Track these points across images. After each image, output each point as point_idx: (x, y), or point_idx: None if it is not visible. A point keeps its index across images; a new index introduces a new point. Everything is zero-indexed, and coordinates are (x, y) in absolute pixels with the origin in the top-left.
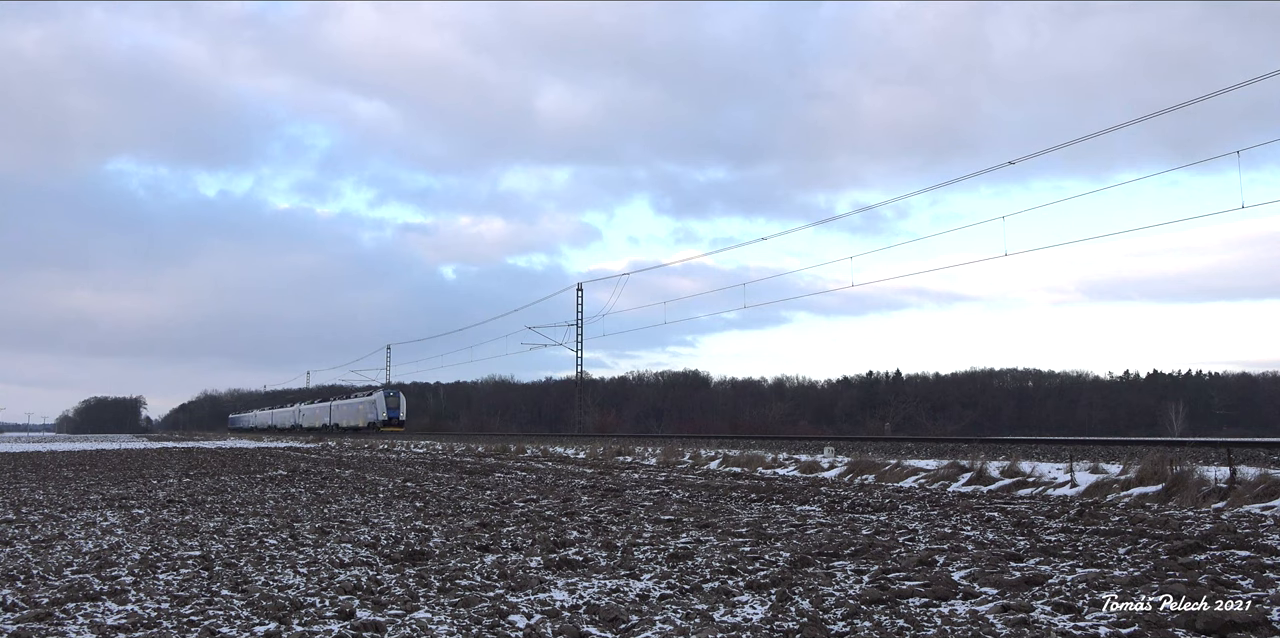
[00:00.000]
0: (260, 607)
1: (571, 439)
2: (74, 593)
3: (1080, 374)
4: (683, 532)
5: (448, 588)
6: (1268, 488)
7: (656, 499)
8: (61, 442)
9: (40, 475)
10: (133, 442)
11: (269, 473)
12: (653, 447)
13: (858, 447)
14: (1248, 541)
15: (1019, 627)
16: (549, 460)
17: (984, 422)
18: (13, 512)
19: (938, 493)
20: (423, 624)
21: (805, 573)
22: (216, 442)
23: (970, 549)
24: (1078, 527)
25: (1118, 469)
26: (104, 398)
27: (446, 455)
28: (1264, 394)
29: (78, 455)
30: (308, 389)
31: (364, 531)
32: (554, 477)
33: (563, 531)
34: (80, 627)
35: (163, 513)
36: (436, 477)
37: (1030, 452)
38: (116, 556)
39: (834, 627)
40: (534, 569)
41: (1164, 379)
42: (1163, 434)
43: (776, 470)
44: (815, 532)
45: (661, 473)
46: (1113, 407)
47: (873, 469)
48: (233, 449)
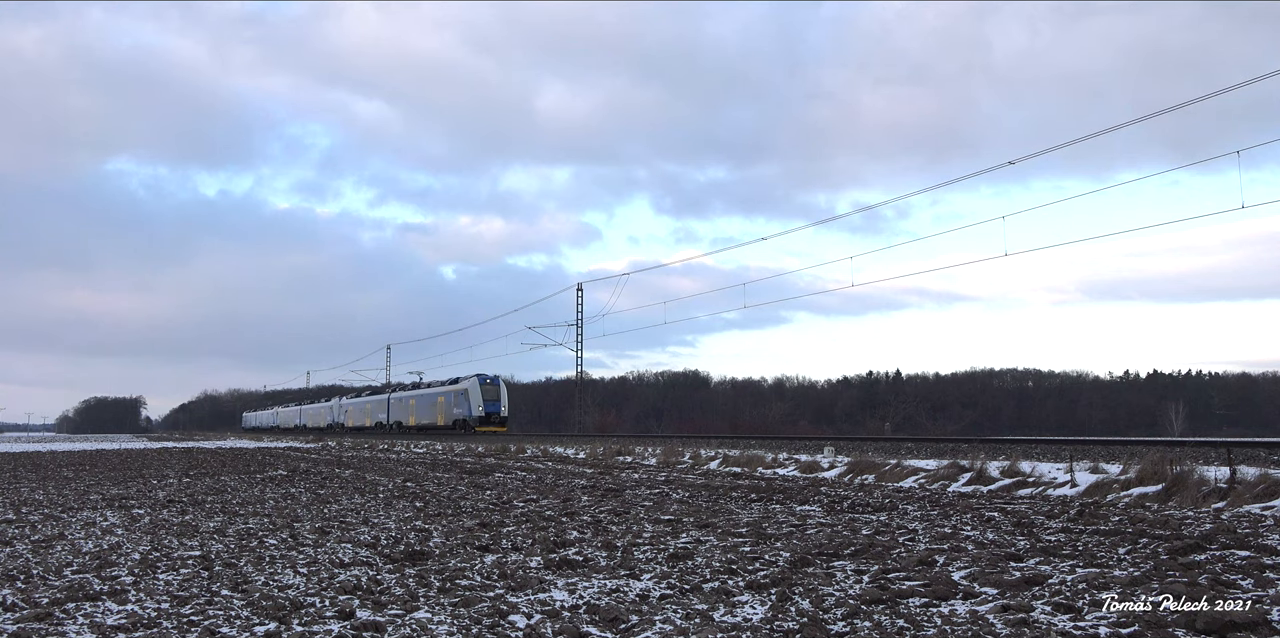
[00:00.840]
0: (260, 607)
1: (571, 439)
2: (74, 593)
3: (1080, 374)
4: (683, 532)
5: (448, 588)
6: (1268, 488)
7: (656, 499)
8: (61, 442)
9: (40, 475)
10: (133, 442)
11: (269, 473)
12: (653, 447)
13: (858, 447)
14: (1248, 541)
15: (1019, 627)
16: (549, 460)
17: (984, 422)
18: (13, 512)
19: (938, 493)
20: (423, 624)
21: (805, 573)
22: (216, 442)
23: (970, 549)
24: (1078, 527)
25: (1118, 469)
26: (104, 398)
27: (446, 455)
28: (1264, 394)
29: (78, 456)
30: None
31: (364, 531)
32: (554, 477)
33: (563, 531)
34: (80, 627)
35: (163, 513)
36: (436, 477)
37: (1030, 452)
38: (116, 556)
39: (834, 627)
40: (534, 569)
41: (1164, 379)
42: (1163, 434)
43: (776, 470)
44: (815, 532)
45: (661, 473)
46: (1113, 407)
47: (873, 469)
48: (233, 449)
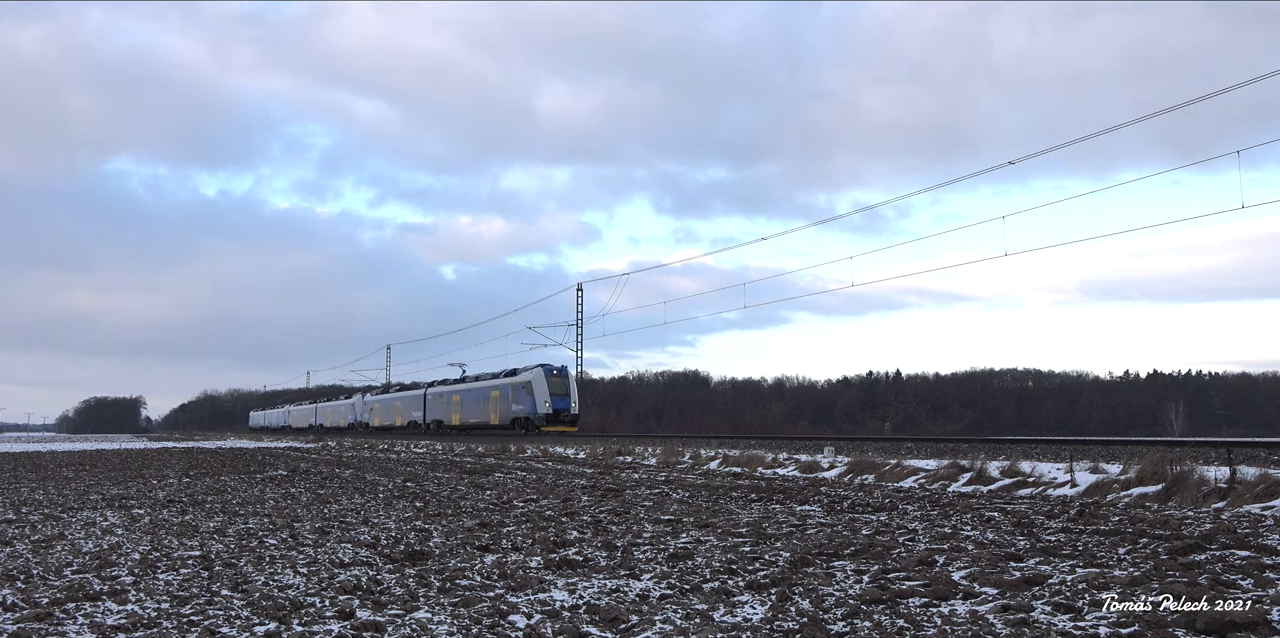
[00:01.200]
0: (260, 607)
1: (571, 439)
2: (74, 593)
3: (1080, 374)
4: (683, 532)
5: (448, 588)
6: (1268, 488)
7: (656, 499)
8: (61, 442)
9: (40, 476)
10: (133, 442)
11: (269, 473)
12: (653, 447)
13: (858, 447)
14: (1248, 541)
15: (1019, 627)
16: (549, 460)
17: (984, 422)
18: (13, 512)
19: (938, 493)
20: (423, 624)
21: (805, 573)
22: (217, 442)
23: (970, 549)
24: (1078, 527)
25: (1118, 469)
26: (104, 398)
27: (446, 455)
28: (1264, 394)
29: (78, 455)
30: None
31: (364, 531)
32: (554, 477)
33: (563, 531)
34: (80, 627)
35: (163, 513)
36: (436, 477)
37: (1030, 452)
38: (116, 556)
39: (834, 627)
40: (534, 569)
41: (1164, 379)
42: (1163, 434)
43: (776, 470)
44: (815, 532)
45: (661, 473)
46: (1113, 407)
47: (873, 469)
48: (233, 449)
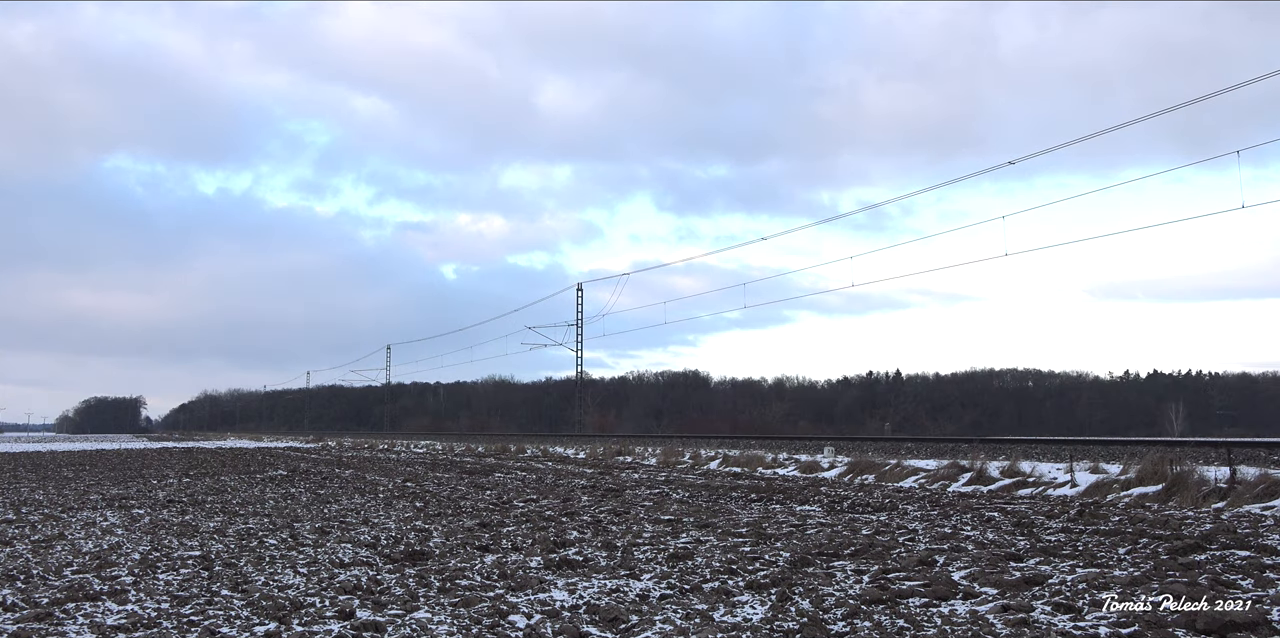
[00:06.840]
0: (260, 607)
1: (571, 439)
2: (74, 593)
3: (1080, 374)
4: (683, 532)
5: (448, 588)
6: (1268, 488)
7: (656, 499)
8: (61, 442)
9: (40, 476)
10: (133, 442)
11: (269, 473)
12: (653, 447)
13: (858, 447)
14: (1248, 541)
15: (1019, 627)
16: (549, 460)
17: (984, 422)
18: (13, 512)
19: (938, 493)
20: (423, 624)
21: (805, 573)
22: (216, 442)
23: (970, 549)
24: (1078, 527)
25: (1118, 469)
26: (104, 398)
27: (446, 456)
28: (1264, 394)
29: (78, 455)
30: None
31: (364, 531)
32: (554, 477)
33: (563, 531)
34: (80, 627)
35: (163, 513)
36: (436, 477)
37: (1030, 452)
38: (116, 556)
39: (834, 627)
40: (534, 569)
41: (1164, 379)
42: (1163, 434)
43: (776, 471)
44: (815, 532)
45: (661, 473)
46: (1113, 407)
47: (873, 469)
48: (233, 449)
